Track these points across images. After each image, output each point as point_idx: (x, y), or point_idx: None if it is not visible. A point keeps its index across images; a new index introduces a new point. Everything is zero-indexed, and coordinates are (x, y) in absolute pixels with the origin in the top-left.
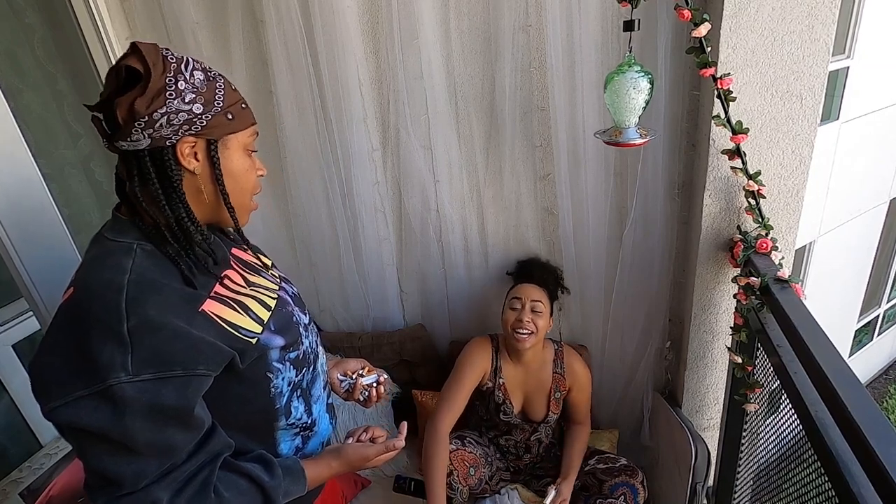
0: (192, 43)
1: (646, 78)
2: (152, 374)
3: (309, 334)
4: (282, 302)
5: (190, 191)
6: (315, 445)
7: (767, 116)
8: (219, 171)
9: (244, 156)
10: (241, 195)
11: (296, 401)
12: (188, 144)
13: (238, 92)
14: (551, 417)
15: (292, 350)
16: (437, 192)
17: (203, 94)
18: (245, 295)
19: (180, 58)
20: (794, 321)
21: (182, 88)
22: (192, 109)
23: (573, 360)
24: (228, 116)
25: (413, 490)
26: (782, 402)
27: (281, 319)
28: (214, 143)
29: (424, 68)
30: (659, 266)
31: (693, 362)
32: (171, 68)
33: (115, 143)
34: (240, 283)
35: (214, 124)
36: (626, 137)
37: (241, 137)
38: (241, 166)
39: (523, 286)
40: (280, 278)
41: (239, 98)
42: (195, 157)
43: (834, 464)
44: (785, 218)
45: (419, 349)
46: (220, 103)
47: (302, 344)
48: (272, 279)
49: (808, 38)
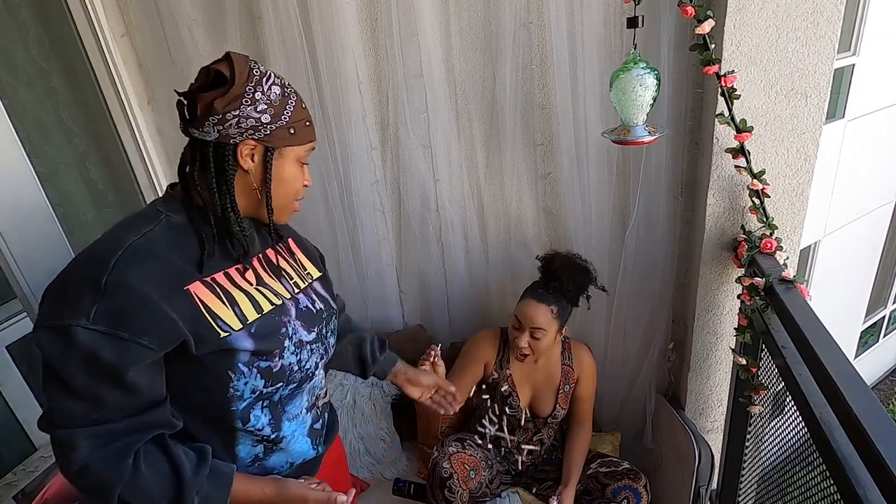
0: (188, 39)
1: (652, 74)
2: (104, 327)
3: (302, 352)
4: (280, 310)
5: (240, 186)
6: (280, 462)
7: (772, 114)
8: (269, 176)
9: (296, 166)
10: (284, 198)
11: (258, 410)
12: (249, 147)
13: (307, 110)
14: (558, 412)
15: (265, 359)
16: (437, 191)
17: (275, 106)
18: (243, 291)
19: (264, 72)
20: (799, 322)
21: (258, 98)
22: (260, 118)
23: (581, 350)
24: (291, 131)
25: (412, 493)
26: (787, 404)
27: (266, 326)
28: (272, 151)
29: (424, 66)
30: (662, 266)
31: (696, 364)
32: (253, 79)
33: (189, 129)
34: (249, 279)
35: (277, 135)
36: (635, 135)
37: (297, 150)
38: (291, 175)
39: (529, 305)
40: (310, 290)
41: (305, 116)
42: (252, 158)
43: (839, 467)
44: (790, 217)
45: (419, 350)
46: (287, 118)
47: (281, 357)
48: (291, 287)
49: (813, 35)
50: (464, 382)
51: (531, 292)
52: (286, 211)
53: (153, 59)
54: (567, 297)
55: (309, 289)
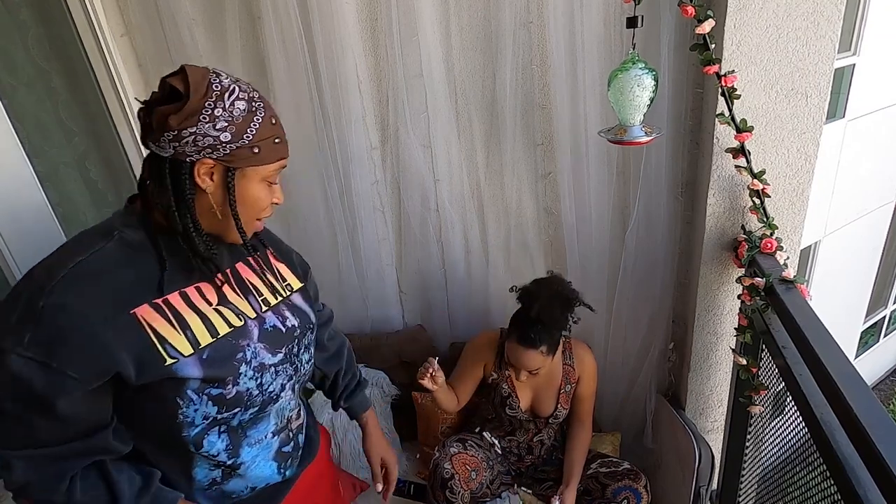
0: (188, 39)
1: (650, 75)
2: (36, 355)
3: (264, 376)
4: (240, 333)
5: (201, 204)
6: (239, 487)
7: (772, 114)
8: (232, 197)
9: (262, 186)
10: (247, 217)
11: (213, 436)
12: (206, 166)
13: (278, 126)
14: (560, 413)
15: (216, 386)
16: (437, 191)
17: (236, 124)
18: (198, 313)
19: (227, 86)
20: (800, 322)
21: (217, 115)
22: (219, 137)
23: (582, 350)
24: (254, 150)
25: (412, 493)
26: (787, 405)
27: (220, 351)
28: (233, 171)
29: (424, 65)
30: (662, 266)
31: (697, 364)
32: (212, 94)
33: (147, 143)
34: (211, 298)
35: (238, 154)
36: (631, 135)
37: (263, 170)
38: (255, 196)
39: (517, 352)
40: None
41: (275, 133)
42: (211, 177)
43: (840, 467)
44: (790, 217)
45: (419, 351)
46: (251, 136)
47: (236, 384)
48: (259, 305)
49: (814, 35)
50: (464, 385)
51: (517, 336)
52: (248, 229)
53: (153, 58)
54: (553, 336)
55: (283, 304)
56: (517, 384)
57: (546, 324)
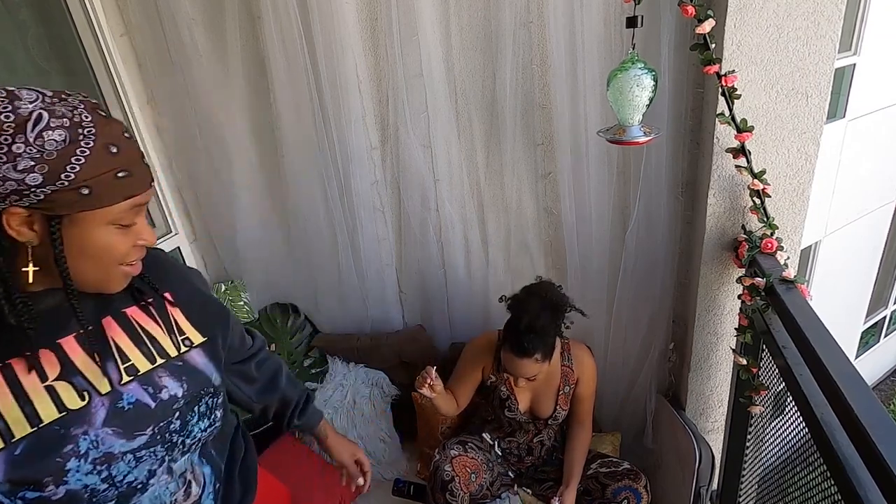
0: (188, 39)
1: (649, 75)
2: None
3: (114, 466)
4: (75, 419)
5: (37, 257)
6: None
7: (772, 114)
8: (58, 251)
9: (110, 232)
10: (98, 270)
11: None
12: (18, 216)
13: (123, 155)
14: (559, 414)
15: (32, 489)
16: (437, 191)
17: (48, 161)
18: (19, 394)
19: (28, 113)
20: (800, 322)
21: (17, 152)
22: (24, 179)
23: (581, 351)
24: (83, 191)
25: (412, 494)
26: (788, 405)
27: (40, 445)
28: (58, 220)
29: (424, 65)
30: (662, 266)
31: (697, 364)
32: (6, 127)
33: None
34: (49, 369)
35: (59, 199)
36: (630, 135)
37: (106, 213)
38: (102, 244)
39: (512, 362)
40: (161, 371)
41: (115, 166)
42: (31, 227)
43: (840, 467)
44: (790, 217)
45: (418, 351)
46: (72, 176)
47: (64, 483)
48: (118, 375)
49: (814, 35)
50: (463, 388)
51: (511, 345)
52: (111, 281)
53: (153, 58)
54: (546, 343)
55: (164, 369)
56: (516, 387)
57: (538, 333)
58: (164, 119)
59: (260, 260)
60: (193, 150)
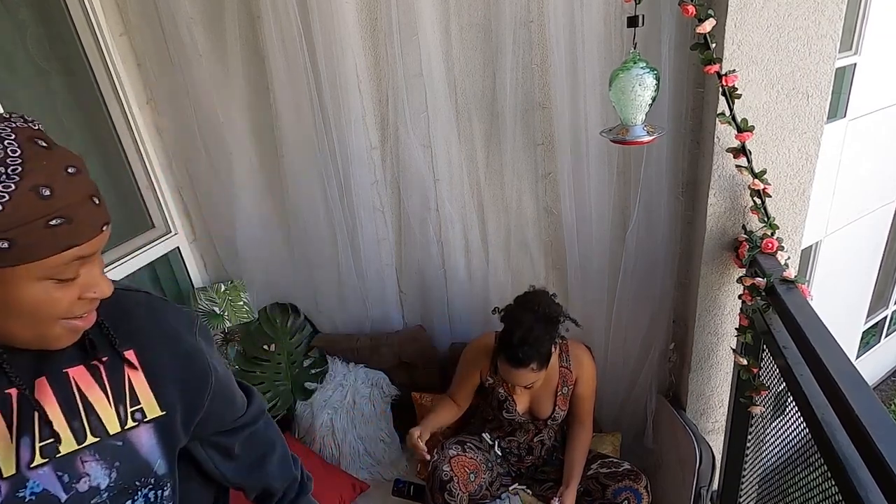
0: (188, 38)
1: (651, 74)
2: None
3: None
4: None
5: None
6: None
7: (773, 114)
8: None
9: (45, 288)
10: (34, 328)
11: None
12: None
13: (60, 199)
14: (558, 414)
15: None
16: (437, 191)
17: None
18: None
19: None
20: (801, 322)
21: None
22: None
23: (579, 351)
24: (4, 245)
25: (412, 494)
26: (788, 405)
27: None
28: None
29: (424, 65)
30: (662, 266)
31: (697, 364)
32: None
33: None
34: None
35: None
36: (633, 135)
37: (36, 268)
38: (33, 300)
39: (509, 372)
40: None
41: (49, 212)
42: None
43: (841, 467)
44: (791, 217)
45: (418, 351)
46: None
47: None
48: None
49: (815, 35)
50: (463, 391)
51: (506, 356)
52: (51, 339)
53: (152, 58)
54: (542, 352)
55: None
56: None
57: (531, 345)
58: (164, 119)
59: (260, 260)
60: (193, 150)
